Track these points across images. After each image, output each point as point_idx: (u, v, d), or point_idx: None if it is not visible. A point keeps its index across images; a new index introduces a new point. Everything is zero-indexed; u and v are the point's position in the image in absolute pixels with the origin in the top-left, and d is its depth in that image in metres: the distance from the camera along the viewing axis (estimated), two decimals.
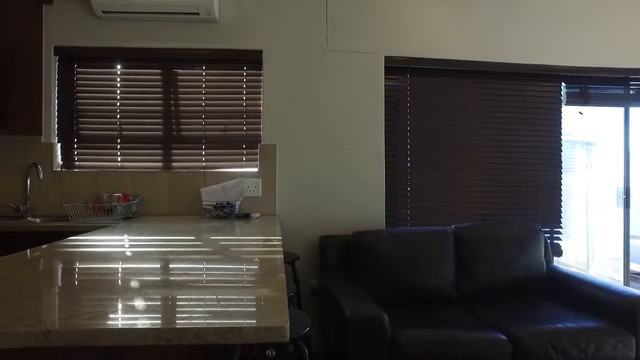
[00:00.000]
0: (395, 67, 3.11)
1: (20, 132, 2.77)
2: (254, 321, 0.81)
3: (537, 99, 3.27)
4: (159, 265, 1.32)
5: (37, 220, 2.74)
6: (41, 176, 2.76)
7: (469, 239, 2.82)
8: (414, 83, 3.14)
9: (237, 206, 2.72)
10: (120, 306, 0.92)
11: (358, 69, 3.05)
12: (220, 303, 0.93)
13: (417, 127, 3.14)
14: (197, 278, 1.17)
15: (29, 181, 2.86)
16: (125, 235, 1.95)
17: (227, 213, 2.65)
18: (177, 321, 0.82)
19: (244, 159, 3.01)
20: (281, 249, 1.62)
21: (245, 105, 3.02)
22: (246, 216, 2.71)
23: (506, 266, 2.77)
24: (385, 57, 3.07)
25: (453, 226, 2.92)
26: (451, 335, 2.10)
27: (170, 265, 1.32)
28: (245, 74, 3.03)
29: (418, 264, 2.70)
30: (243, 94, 3.02)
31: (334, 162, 3.02)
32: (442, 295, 2.69)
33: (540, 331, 2.16)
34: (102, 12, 2.90)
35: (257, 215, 2.74)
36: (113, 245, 1.67)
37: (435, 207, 3.15)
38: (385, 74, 3.08)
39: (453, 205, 3.17)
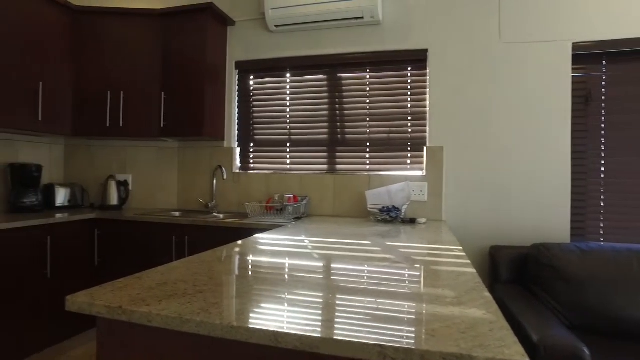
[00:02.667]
0: (586, 55, 2.68)
1: (209, 138, 3.14)
2: (483, 351, 0.71)
3: None
4: (358, 272, 1.30)
5: (221, 216, 3.06)
6: (225, 177, 3.09)
7: None
8: (612, 71, 2.66)
9: (403, 210, 2.64)
10: (342, 315, 0.90)
11: (538, 61, 2.71)
12: (430, 324, 0.85)
13: (614, 123, 2.65)
14: (397, 290, 1.11)
15: (215, 181, 3.23)
16: (303, 235, 2.02)
17: (393, 217, 2.59)
18: (399, 340, 0.76)
19: (408, 161, 2.92)
20: (469, 262, 1.48)
21: (410, 107, 2.93)
22: (412, 221, 2.62)
23: None
24: (572, 44, 2.67)
25: None
26: None
27: (366, 273, 1.29)
28: (409, 74, 2.94)
29: (618, 289, 2.25)
30: (408, 95, 2.94)
31: (508, 165, 2.73)
32: None
33: None
34: (275, 26, 3.13)
35: (423, 220, 2.62)
36: (302, 246, 1.73)
37: (639, 221, 2.61)
38: (572, 64, 2.67)
39: None
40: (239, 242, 1.78)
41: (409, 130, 2.93)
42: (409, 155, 2.92)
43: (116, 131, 3.11)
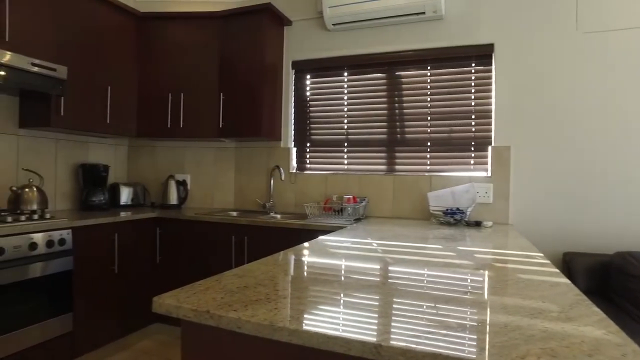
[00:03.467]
0: None
1: (266, 139, 3.15)
2: None
3: None
4: (447, 279, 1.22)
5: (278, 216, 3.06)
6: (283, 177, 3.09)
7: None
8: None
9: (468, 213, 2.52)
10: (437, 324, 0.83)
11: (621, 51, 2.50)
12: (545, 341, 0.76)
13: None
14: (494, 301, 1.02)
15: (272, 181, 3.24)
16: (369, 238, 1.96)
17: (457, 220, 2.48)
18: None
19: (472, 162, 2.79)
20: (557, 270, 1.36)
21: (474, 105, 2.80)
22: (477, 224, 2.49)
23: None
24: None
25: None
26: None
27: (451, 280, 1.21)
28: (473, 70, 2.81)
29: None
30: (471, 92, 2.80)
31: (586, 166, 2.54)
32: None
33: None
34: (333, 24, 3.09)
35: (489, 223, 2.49)
36: (372, 249, 1.67)
37: None
38: None
39: None
40: (306, 244, 1.75)
41: (473, 129, 2.80)
42: (473, 155, 2.79)
43: (176, 132, 3.19)
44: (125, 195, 3.34)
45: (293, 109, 3.32)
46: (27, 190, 2.44)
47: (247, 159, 3.41)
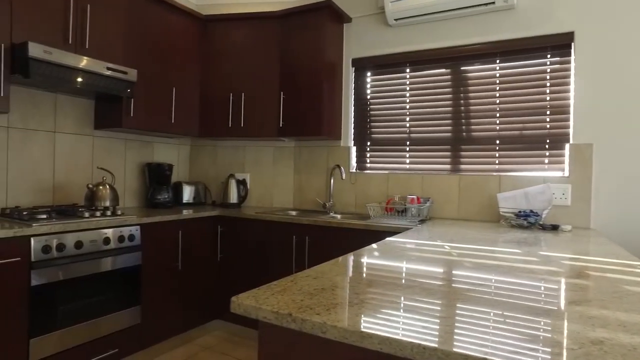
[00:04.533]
0: None
1: (326, 138, 3.11)
2: None
3: None
4: (539, 290, 1.11)
5: (338, 216, 3.01)
6: (343, 177, 3.04)
7: None
8: None
9: (543, 216, 2.34)
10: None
11: None
12: None
13: None
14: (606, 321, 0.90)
15: (332, 181, 3.19)
16: (438, 240, 1.86)
17: (531, 223, 2.31)
18: None
19: (546, 161, 2.59)
20: None
21: (549, 100, 2.60)
22: (554, 227, 2.30)
23: None
24: None
25: None
26: None
27: (543, 291, 1.10)
28: (548, 62, 2.61)
29: None
30: (546, 86, 2.61)
31: None
32: None
33: None
34: (394, 20, 2.99)
35: (568, 227, 2.29)
36: (445, 252, 1.57)
37: None
38: None
39: None
40: (374, 245, 1.68)
41: (547, 125, 2.60)
42: (547, 154, 2.59)
43: (237, 132, 3.22)
44: (188, 193, 3.43)
45: (353, 108, 3.26)
46: (100, 187, 2.55)
47: (307, 158, 3.39)
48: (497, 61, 2.75)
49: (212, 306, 3.07)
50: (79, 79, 2.34)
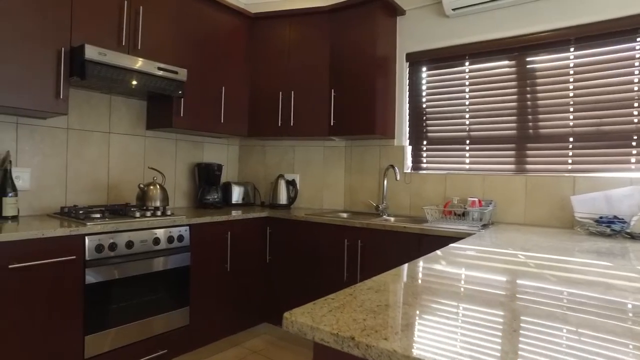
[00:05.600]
0: None
1: (379, 137, 2.96)
2: None
3: None
4: None
5: (392, 219, 2.85)
6: (398, 178, 2.87)
7: None
8: None
9: (632, 223, 2.06)
10: None
11: None
12: None
13: None
14: None
15: (385, 182, 3.03)
16: (510, 248, 1.66)
17: (615, 230, 2.04)
18: None
19: (632, 160, 2.30)
20: None
21: (638, 90, 2.30)
22: None
23: None
24: None
25: None
26: None
27: None
28: (637, 47, 2.31)
29: None
30: (634, 74, 2.31)
31: None
32: None
33: None
34: (452, 9, 2.79)
35: None
36: (521, 262, 1.39)
37: None
38: None
39: None
40: (439, 252, 1.51)
41: (635, 120, 2.30)
42: (634, 152, 2.30)
43: (287, 131, 3.15)
44: (237, 194, 3.40)
45: (407, 105, 3.09)
46: (151, 187, 2.55)
47: (358, 158, 3.25)
48: (571, 49, 2.48)
49: (260, 309, 3.01)
50: (131, 79, 2.35)
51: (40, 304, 1.88)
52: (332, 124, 3.00)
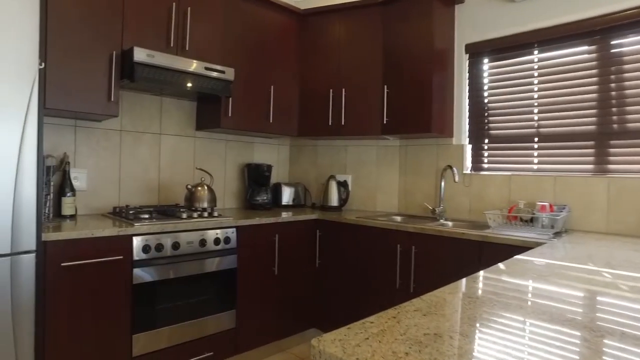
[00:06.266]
0: None
1: (435, 135, 2.75)
2: None
3: None
4: None
5: (449, 223, 2.64)
6: (457, 179, 2.64)
7: None
8: None
9: None
10: None
11: None
12: None
13: None
14: None
15: (442, 184, 2.81)
16: (590, 263, 1.42)
17: None
18: None
19: None
20: None
21: None
22: None
23: None
24: None
25: None
26: None
27: None
28: None
29: None
30: None
31: None
32: None
33: None
34: None
35: None
36: (611, 284, 1.16)
37: None
38: None
39: None
40: (501, 265, 1.31)
41: None
42: None
43: (338, 130, 3.02)
44: (287, 195, 3.32)
45: (467, 100, 2.85)
46: (199, 188, 2.53)
47: (414, 158, 3.05)
48: None
49: (308, 314, 2.90)
50: (179, 80, 2.34)
51: (90, 302, 1.91)
52: (385, 122, 2.84)
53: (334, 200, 3.15)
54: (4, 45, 1.62)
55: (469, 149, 2.82)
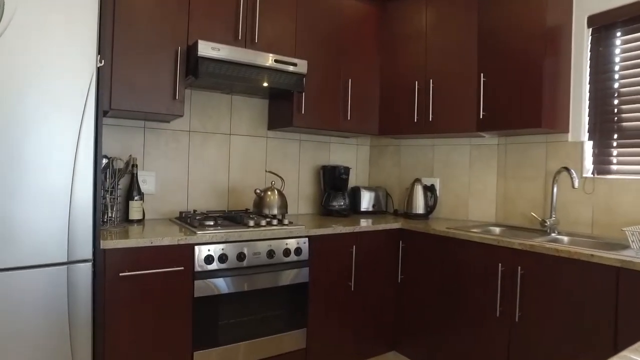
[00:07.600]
0: None
1: (546, 131, 2.26)
2: None
3: None
4: None
5: (565, 239, 2.14)
6: (576, 184, 2.11)
7: None
8: None
9: None
10: None
11: None
12: None
13: None
14: None
15: (554, 189, 2.31)
16: None
17: None
18: None
19: None
20: None
21: None
22: None
23: None
24: None
25: None
26: None
27: None
28: None
29: None
30: None
31: None
32: None
33: None
34: None
35: None
36: None
37: None
38: None
39: None
40: None
41: None
42: None
43: (425, 128, 2.65)
44: (366, 200, 3.01)
45: (588, 86, 2.31)
46: (268, 193, 2.32)
47: (516, 158, 2.56)
48: None
49: (388, 335, 2.56)
50: (245, 74, 2.15)
51: (149, 315, 1.78)
52: (481, 116, 2.40)
53: (419, 207, 2.77)
54: (60, 41, 1.52)
55: (589, 146, 2.27)
